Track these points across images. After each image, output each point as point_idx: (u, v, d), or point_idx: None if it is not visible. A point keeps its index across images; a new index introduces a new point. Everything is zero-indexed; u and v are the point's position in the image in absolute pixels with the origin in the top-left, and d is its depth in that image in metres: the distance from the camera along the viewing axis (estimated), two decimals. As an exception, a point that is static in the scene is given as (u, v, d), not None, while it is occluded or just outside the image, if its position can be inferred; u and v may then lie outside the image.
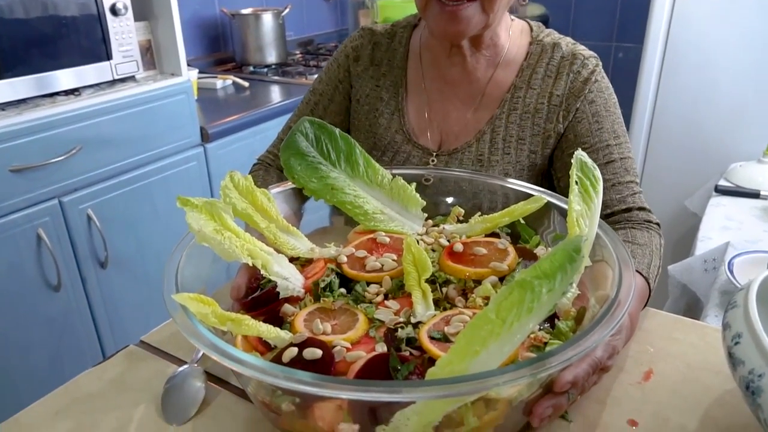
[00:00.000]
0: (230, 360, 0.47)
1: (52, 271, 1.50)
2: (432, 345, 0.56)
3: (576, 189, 0.67)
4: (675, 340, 0.76)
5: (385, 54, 1.05)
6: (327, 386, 0.45)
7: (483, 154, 0.96)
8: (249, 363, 0.47)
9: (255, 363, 0.47)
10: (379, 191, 0.82)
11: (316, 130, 0.83)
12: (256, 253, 0.66)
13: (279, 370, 0.46)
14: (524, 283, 0.47)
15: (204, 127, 1.83)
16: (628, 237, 0.84)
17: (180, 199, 0.65)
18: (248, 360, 0.47)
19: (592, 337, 0.48)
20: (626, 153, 0.93)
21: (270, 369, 0.46)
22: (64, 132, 1.48)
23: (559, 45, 0.96)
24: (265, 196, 0.75)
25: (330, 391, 0.44)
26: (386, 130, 1.02)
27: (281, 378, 0.45)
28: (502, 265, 0.67)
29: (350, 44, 1.07)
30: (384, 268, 0.69)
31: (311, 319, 0.63)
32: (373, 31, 1.07)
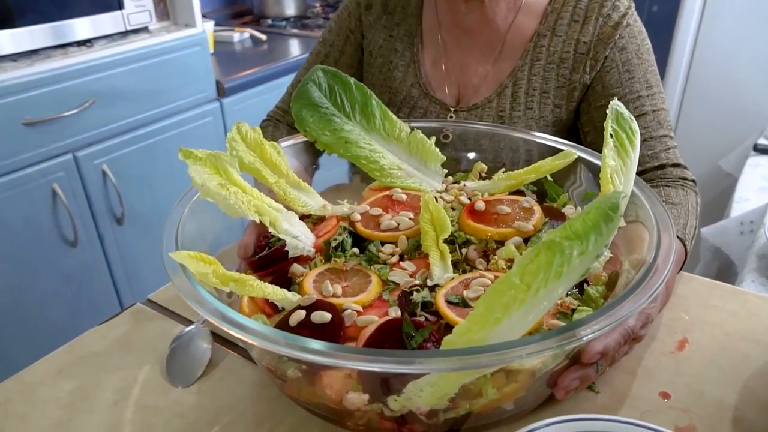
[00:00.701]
0: (230, 325, 0.44)
1: (69, 227, 1.49)
2: (449, 310, 0.52)
3: (611, 142, 0.61)
4: (712, 307, 0.70)
5: (399, 1, 0.98)
6: (334, 355, 0.41)
7: (504, 110, 0.89)
8: (251, 329, 0.44)
9: (257, 329, 0.43)
10: (396, 145, 0.77)
11: (329, 80, 0.77)
12: (263, 209, 0.62)
13: (282, 337, 0.42)
14: (553, 245, 0.42)
15: (220, 81, 1.78)
16: (662, 195, 0.78)
17: (182, 150, 0.61)
18: (250, 326, 0.44)
19: (626, 306, 0.43)
20: (659, 104, 0.86)
21: (272, 336, 0.43)
22: (77, 84, 1.44)
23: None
24: (274, 149, 0.71)
25: (337, 360, 0.41)
26: (401, 83, 0.95)
27: (283, 345, 0.41)
28: (527, 225, 0.62)
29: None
30: (400, 227, 0.65)
31: (321, 281, 0.59)
32: None
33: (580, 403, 0.57)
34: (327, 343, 0.42)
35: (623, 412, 0.56)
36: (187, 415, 0.58)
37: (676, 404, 0.57)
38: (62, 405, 0.60)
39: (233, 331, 0.43)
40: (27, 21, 1.39)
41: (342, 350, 0.42)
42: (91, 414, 0.59)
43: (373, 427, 0.51)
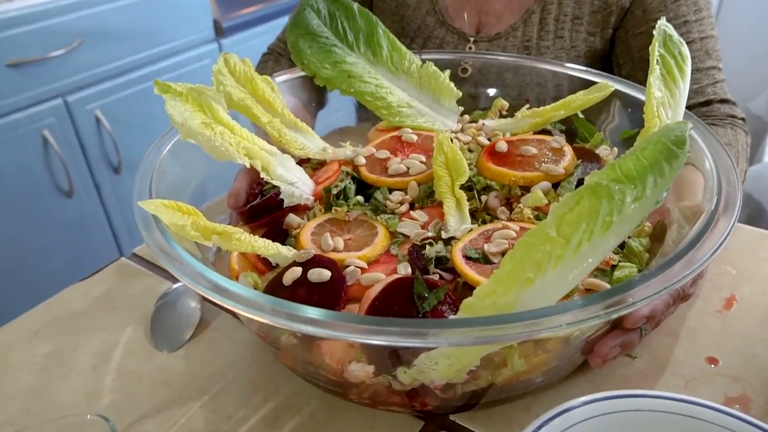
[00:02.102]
0: (206, 288, 0.36)
1: (63, 176, 1.42)
2: (468, 267, 0.44)
3: (657, 70, 0.52)
4: (762, 260, 0.63)
5: None
6: (331, 326, 0.34)
7: (530, 39, 0.79)
8: (234, 293, 0.36)
9: (241, 294, 0.36)
10: (405, 80, 0.68)
11: (329, 5, 0.68)
12: (254, 152, 0.54)
13: (269, 302, 0.35)
14: (599, 188, 0.34)
15: (218, 20, 1.66)
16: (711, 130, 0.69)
17: (158, 84, 0.53)
18: (232, 289, 0.37)
19: (689, 265, 0.36)
20: (708, 31, 0.76)
21: (258, 301, 0.35)
22: (63, 22, 1.34)
23: None
24: (268, 84, 0.62)
25: (335, 332, 0.34)
26: (415, 10, 0.85)
27: (269, 313, 0.34)
28: (557, 167, 0.53)
29: None
30: (410, 171, 0.57)
31: (320, 233, 0.52)
32: None
33: (615, 369, 0.50)
34: (322, 311, 0.35)
35: (665, 380, 0.49)
36: (173, 383, 0.52)
37: (725, 371, 0.50)
38: (36, 370, 0.54)
39: (210, 295, 0.36)
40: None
41: (341, 319, 0.34)
42: (67, 380, 0.53)
43: (380, 400, 0.44)
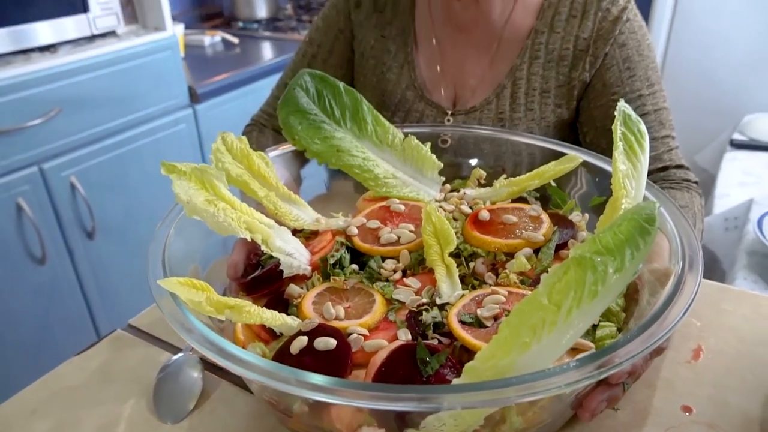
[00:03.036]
0: (231, 361, 0.39)
1: (36, 244, 1.41)
2: (464, 331, 0.48)
3: (621, 146, 0.58)
4: (724, 312, 0.68)
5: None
6: (348, 394, 0.37)
7: (504, 112, 0.86)
8: (255, 365, 0.39)
9: (261, 365, 0.39)
10: (390, 153, 0.73)
11: (317, 84, 0.73)
12: (254, 226, 0.58)
13: (289, 373, 0.38)
14: (583, 261, 0.39)
15: (192, 86, 1.72)
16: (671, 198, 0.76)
17: (165, 165, 0.56)
18: (254, 362, 0.39)
19: (665, 324, 0.40)
20: (661, 103, 0.84)
21: (278, 372, 0.38)
22: (41, 92, 1.37)
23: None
24: (262, 160, 0.66)
25: (352, 400, 0.36)
26: (396, 86, 0.91)
27: (293, 384, 0.37)
28: (536, 234, 0.58)
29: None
30: (401, 240, 0.61)
31: (321, 302, 0.55)
32: None
33: (602, 422, 0.54)
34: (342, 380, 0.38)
35: (647, 431, 0.53)
36: (178, 454, 0.53)
37: (700, 418, 0.54)
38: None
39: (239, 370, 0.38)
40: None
41: (359, 387, 0.38)
42: (71, 457, 0.53)
43: (388, 462, 0.47)
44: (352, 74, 0.97)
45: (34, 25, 1.39)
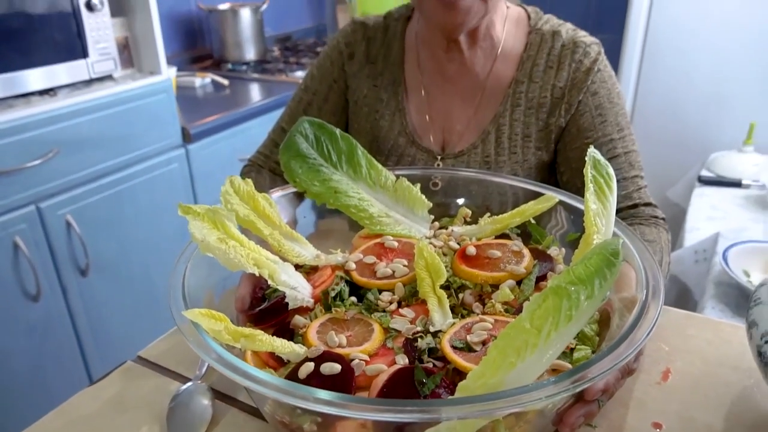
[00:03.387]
0: (256, 383, 0.44)
1: (31, 281, 1.44)
2: (457, 356, 0.54)
3: (591, 187, 0.65)
4: (689, 337, 0.75)
5: (380, 49, 1.01)
6: (358, 408, 0.42)
7: (490, 156, 0.93)
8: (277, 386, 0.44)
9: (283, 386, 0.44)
10: (383, 193, 0.79)
11: (316, 131, 0.80)
12: (262, 262, 0.63)
13: (309, 392, 0.43)
14: (559, 290, 0.45)
15: (185, 127, 1.78)
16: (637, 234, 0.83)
17: (181, 207, 0.61)
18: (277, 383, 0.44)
19: (628, 345, 0.46)
20: (630, 146, 0.92)
21: (296, 390, 0.43)
22: (40, 134, 1.42)
23: (559, 33, 0.93)
24: (266, 201, 0.72)
25: (362, 412, 0.42)
26: (388, 132, 0.98)
27: (311, 400, 0.42)
28: (519, 267, 0.65)
29: (343, 40, 1.02)
30: (395, 274, 0.67)
31: (324, 331, 0.60)
32: (366, 24, 1.02)
33: (580, 438, 0.59)
34: (350, 396, 0.43)
35: (621, 445, 0.59)
36: (192, 475, 0.57)
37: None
38: (59, 473, 0.58)
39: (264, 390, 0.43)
40: (-12, 72, 1.37)
41: (366, 402, 0.43)
42: (91, 480, 0.57)
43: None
44: (345, 120, 1.04)
45: (37, 70, 1.45)
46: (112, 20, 1.60)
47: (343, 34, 1.03)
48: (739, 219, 1.75)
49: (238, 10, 2.48)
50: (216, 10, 2.49)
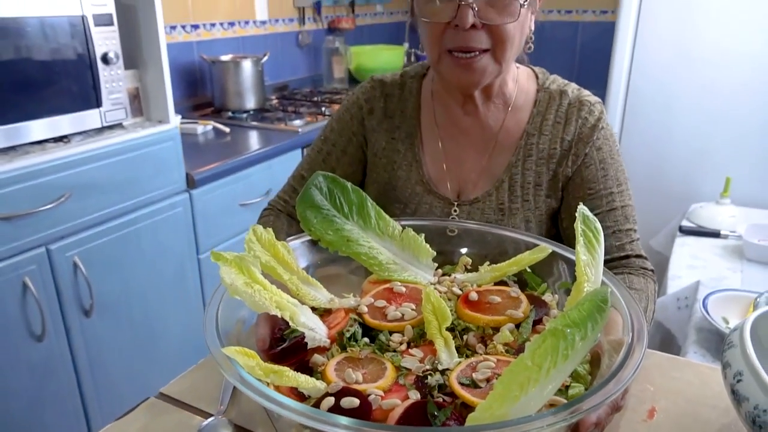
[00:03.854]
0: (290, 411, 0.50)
1: (37, 321, 1.47)
2: (464, 391, 0.60)
3: (582, 240, 0.72)
4: (672, 378, 0.81)
5: (398, 105, 1.08)
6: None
7: (503, 203, 1.00)
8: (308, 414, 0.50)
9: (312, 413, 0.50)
10: (390, 242, 0.86)
11: (329, 184, 0.87)
12: (283, 304, 0.69)
13: (335, 419, 0.49)
14: (556, 332, 0.52)
15: (190, 173, 1.85)
16: (626, 282, 0.90)
17: (213, 254, 0.68)
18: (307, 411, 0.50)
19: (616, 382, 0.53)
20: (627, 201, 1.00)
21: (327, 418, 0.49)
22: (54, 179, 1.48)
23: (565, 92, 1.02)
24: (285, 248, 0.79)
25: None
26: (406, 182, 1.05)
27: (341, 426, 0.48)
28: (517, 312, 0.71)
29: (362, 96, 1.10)
30: (404, 317, 0.73)
31: (341, 369, 0.66)
32: (384, 82, 1.11)
33: (574, 471, 0.65)
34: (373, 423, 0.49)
35: (612, 477, 0.64)
36: (218, 503, 0.62)
37: (654, 467, 0.66)
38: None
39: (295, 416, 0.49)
40: (9, 119, 1.43)
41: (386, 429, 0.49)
42: (123, 508, 0.61)
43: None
44: (362, 170, 1.11)
45: (53, 118, 1.52)
46: (124, 72, 1.68)
47: (362, 90, 1.11)
48: (718, 268, 1.83)
49: (240, 61, 2.59)
50: (219, 60, 2.60)
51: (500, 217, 1.01)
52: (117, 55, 1.63)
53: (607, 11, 3.68)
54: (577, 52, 3.83)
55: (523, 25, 0.92)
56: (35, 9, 1.43)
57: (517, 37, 0.91)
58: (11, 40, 1.40)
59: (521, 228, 1.00)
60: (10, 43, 1.40)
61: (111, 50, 1.61)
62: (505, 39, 0.89)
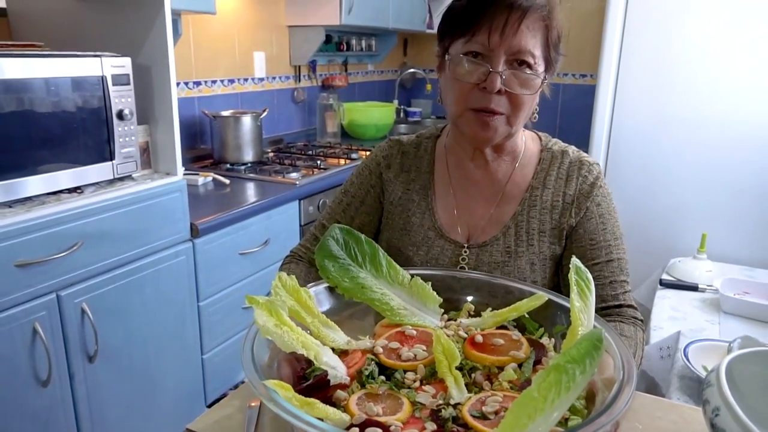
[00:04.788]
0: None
1: (44, 366, 1.51)
2: (476, 422, 0.67)
3: (575, 289, 0.81)
4: (657, 418, 0.89)
5: (413, 161, 1.20)
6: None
7: (510, 246, 1.10)
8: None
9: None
10: (400, 290, 0.94)
11: (345, 236, 0.95)
12: (308, 344, 0.76)
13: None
14: (559, 367, 0.60)
15: (194, 223, 1.92)
16: (618, 329, 0.99)
17: (248, 298, 0.75)
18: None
19: (613, 411, 0.60)
20: (622, 254, 1.09)
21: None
22: (68, 228, 1.54)
23: (566, 152, 1.14)
24: (306, 293, 0.86)
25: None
26: (419, 227, 1.15)
27: (376, 449, 0.55)
28: (519, 353, 0.79)
29: (381, 153, 1.22)
30: (417, 357, 0.80)
31: (362, 403, 0.72)
32: (401, 141, 1.23)
33: (573, 498, 0.71)
34: (405, 447, 0.56)
35: (607, 504, 0.71)
36: None
37: (645, 495, 0.73)
38: None
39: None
40: (28, 171, 1.51)
41: (418, 452, 0.56)
42: None
43: None
44: (378, 219, 1.21)
45: (69, 170, 1.60)
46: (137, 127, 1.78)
47: (381, 149, 1.24)
48: (697, 320, 1.92)
49: (240, 116, 2.71)
50: (220, 116, 2.72)
51: (507, 259, 1.10)
52: (131, 111, 1.73)
53: (586, 75, 3.91)
54: (558, 111, 4.03)
55: (536, 97, 1.05)
56: (62, 70, 1.53)
57: (529, 105, 1.04)
58: (36, 97, 1.49)
59: (526, 269, 1.10)
60: (35, 100, 1.49)
61: (126, 107, 1.71)
62: (521, 106, 1.02)
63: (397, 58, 4.60)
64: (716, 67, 2.58)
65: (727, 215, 2.64)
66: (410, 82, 4.67)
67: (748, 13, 2.49)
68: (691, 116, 2.63)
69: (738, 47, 2.54)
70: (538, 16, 1.00)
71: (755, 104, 2.55)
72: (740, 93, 2.57)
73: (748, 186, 2.61)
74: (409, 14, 3.75)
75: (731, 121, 2.58)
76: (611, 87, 2.76)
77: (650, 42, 2.68)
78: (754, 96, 2.55)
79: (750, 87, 2.55)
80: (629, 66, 2.73)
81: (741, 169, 2.61)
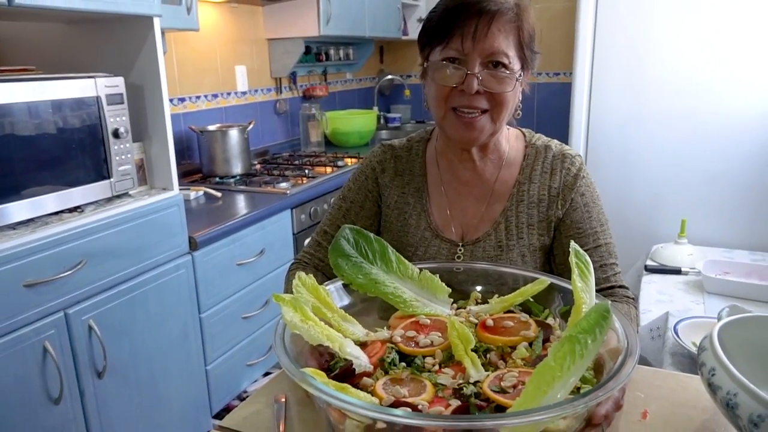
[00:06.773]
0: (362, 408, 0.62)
1: (55, 384, 1.53)
2: (497, 396, 0.73)
3: (576, 271, 0.88)
4: (657, 387, 0.95)
5: (406, 165, 1.26)
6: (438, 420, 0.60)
7: (501, 241, 1.16)
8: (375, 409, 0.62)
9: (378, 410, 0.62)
10: (410, 283, 0.99)
11: (355, 235, 1.01)
12: (333, 337, 0.82)
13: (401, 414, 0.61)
14: (572, 337, 0.66)
15: (192, 236, 1.96)
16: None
17: (275, 296, 0.80)
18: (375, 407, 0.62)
19: (621, 377, 0.67)
20: (609, 239, 1.16)
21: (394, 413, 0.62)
22: (72, 247, 1.57)
23: (549, 147, 1.21)
24: (325, 291, 0.91)
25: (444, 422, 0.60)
26: (416, 229, 1.21)
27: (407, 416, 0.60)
28: (529, 332, 0.85)
29: (375, 159, 1.28)
30: (434, 343, 0.86)
31: (388, 388, 0.78)
32: (393, 146, 1.29)
33: (588, 462, 0.77)
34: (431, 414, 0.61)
35: (619, 464, 0.77)
36: None
37: (652, 455, 0.79)
38: None
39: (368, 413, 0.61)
40: (31, 193, 1.54)
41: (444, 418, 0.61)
42: None
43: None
44: (377, 222, 1.27)
45: (69, 190, 1.63)
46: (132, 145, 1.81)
47: (375, 154, 1.29)
48: (683, 301, 2.01)
49: (227, 130, 2.75)
50: (207, 130, 2.75)
51: (499, 253, 1.16)
52: (126, 130, 1.76)
53: (560, 73, 4.02)
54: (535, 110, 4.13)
55: (516, 94, 1.11)
56: (57, 92, 1.56)
57: (510, 102, 1.10)
58: (35, 120, 1.52)
59: (518, 261, 1.16)
60: (33, 124, 1.52)
61: (121, 126, 1.74)
62: (502, 103, 1.08)
63: (374, 65, 4.68)
64: (687, 60, 2.69)
65: (704, 201, 2.74)
66: (388, 89, 4.74)
67: (715, 8, 2.61)
68: (667, 108, 2.73)
69: (706, 41, 2.65)
70: (507, 19, 1.06)
71: (725, 96, 2.67)
72: (710, 84, 2.68)
73: (723, 172, 2.72)
74: (385, 22, 3.83)
75: (704, 111, 2.69)
76: (587, 83, 2.85)
77: (622, 38, 2.78)
78: (723, 87, 2.67)
79: (719, 79, 2.67)
80: (603, 63, 2.83)
81: (715, 156, 2.72)
